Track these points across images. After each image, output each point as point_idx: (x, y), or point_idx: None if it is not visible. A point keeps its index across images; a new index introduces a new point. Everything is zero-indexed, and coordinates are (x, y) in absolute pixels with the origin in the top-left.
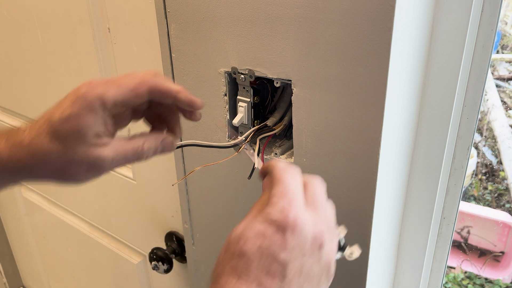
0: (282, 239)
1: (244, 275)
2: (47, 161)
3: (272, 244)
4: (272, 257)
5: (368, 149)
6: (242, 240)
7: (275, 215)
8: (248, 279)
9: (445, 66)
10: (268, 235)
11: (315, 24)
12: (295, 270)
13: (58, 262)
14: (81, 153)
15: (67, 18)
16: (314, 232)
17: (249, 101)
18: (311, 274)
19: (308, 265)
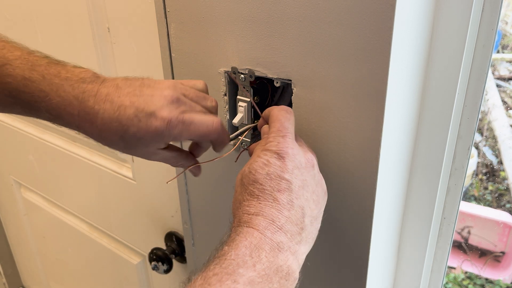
0: (283, 163)
1: (261, 196)
2: (110, 145)
3: (277, 168)
4: (279, 178)
5: (368, 149)
6: (252, 172)
7: (274, 147)
8: (265, 197)
9: (446, 66)
10: (271, 163)
11: (315, 24)
12: (298, 184)
13: (57, 262)
14: (139, 153)
15: (66, 18)
16: (305, 157)
17: (249, 101)
18: (310, 187)
19: (307, 180)
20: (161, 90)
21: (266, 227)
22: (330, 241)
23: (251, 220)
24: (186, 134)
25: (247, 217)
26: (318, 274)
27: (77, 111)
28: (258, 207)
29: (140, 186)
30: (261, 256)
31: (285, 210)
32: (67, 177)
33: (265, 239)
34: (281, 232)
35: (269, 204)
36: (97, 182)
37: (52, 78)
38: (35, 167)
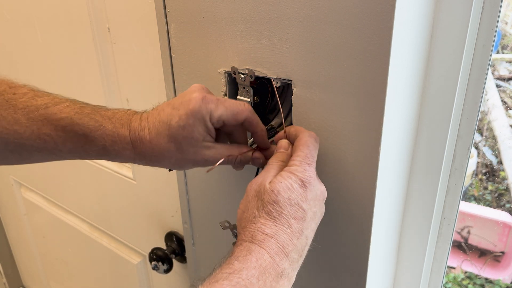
0: (304, 192)
1: (277, 219)
2: (164, 156)
3: (298, 196)
4: (298, 206)
5: (368, 149)
6: (274, 192)
7: (300, 173)
8: (281, 221)
9: (445, 66)
10: (295, 188)
11: (315, 24)
12: (310, 216)
13: (57, 262)
14: (191, 153)
15: (66, 18)
16: (321, 189)
17: (249, 101)
18: (317, 219)
19: (317, 212)
20: (193, 87)
21: (277, 253)
22: (330, 241)
23: (265, 241)
24: (221, 108)
25: (262, 236)
26: (318, 273)
27: (128, 131)
28: (273, 229)
29: (140, 186)
30: (266, 281)
31: (295, 238)
32: (67, 177)
33: (273, 264)
34: (286, 259)
35: (283, 229)
36: (98, 182)
37: (102, 112)
38: (35, 167)
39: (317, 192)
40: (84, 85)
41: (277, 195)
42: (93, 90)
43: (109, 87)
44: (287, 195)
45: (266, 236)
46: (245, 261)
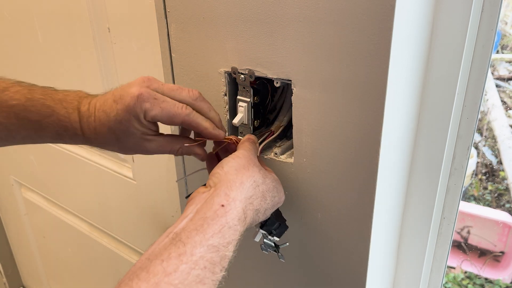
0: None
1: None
2: (107, 143)
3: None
4: (262, 194)
5: (368, 149)
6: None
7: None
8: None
9: (445, 66)
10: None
11: (315, 24)
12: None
13: (58, 262)
14: (132, 144)
15: (67, 18)
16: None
17: (249, 101)
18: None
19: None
20: (135, 81)
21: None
22: (330, 240)
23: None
24: (157, 108)
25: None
26: (318, 273)
27: (78, 116)
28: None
29: (140, 186)
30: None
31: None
32: (67, 177)
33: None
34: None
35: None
36: (98, 182)
37: (53, 95)
38: (36, 167)
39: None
40: (84, 85)
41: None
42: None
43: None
44: (275, 194)
45: (253, 207)
46: (236, 231)
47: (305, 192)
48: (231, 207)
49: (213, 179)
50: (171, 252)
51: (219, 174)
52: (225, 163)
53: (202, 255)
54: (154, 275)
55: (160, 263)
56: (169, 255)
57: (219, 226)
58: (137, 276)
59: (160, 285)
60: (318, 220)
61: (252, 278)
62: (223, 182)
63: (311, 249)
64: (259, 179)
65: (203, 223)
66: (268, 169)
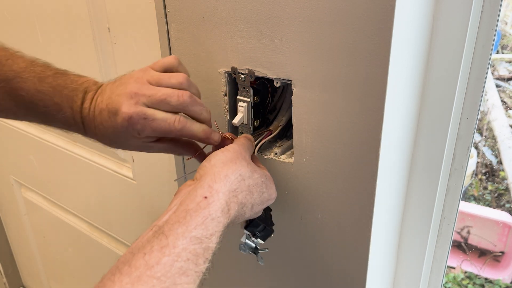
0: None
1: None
2: (110, 145)
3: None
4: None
5: (368, 149)
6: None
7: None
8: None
9: (445, 66)
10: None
11: (315, 24)
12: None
13: (58, 262)
14: (133, 148)
15: (67, 18)
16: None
17: (249, 101)
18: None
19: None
20: (127, 85)
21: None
22: (330, 240)
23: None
24: (148, 129)
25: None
26: (318, 273)
27: (80, 115)
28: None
29: (140, 186)
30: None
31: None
32: (67, 177)
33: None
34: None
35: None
36: (98, 182)
37: (62, 90)
38: (36, 167)
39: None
40: None
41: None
42: None
43: None
44: (265, 190)
45: (237, 201)
46: (219, 223)
47: (305, 192)
48: (214, 199)
49: (200, 172)
50: (154, 245)
51: (205, 167)
52: (213, 156)
53: (185, 247)
54: (136, 268)
55: (142, 256)
56: (152, 248)
57: (202, 217)
58: (119, 270)
59: (142, 278)
60: (318, 220)
61: (252, 278)
62: (208, 175)
63: (311, 249)
64: (245, 173)
65: (186, 215)
66: (261, 166)
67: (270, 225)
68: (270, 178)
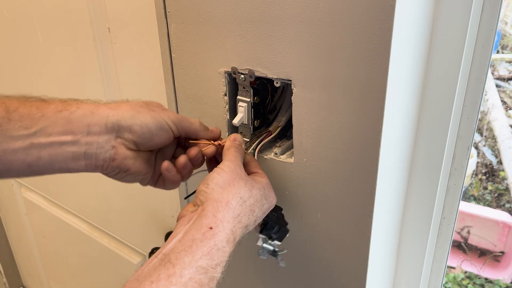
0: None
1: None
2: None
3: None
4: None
5: (368, 149)
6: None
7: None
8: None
9: (445, 66)
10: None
11: (315, 24)
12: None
13: (58, 262)
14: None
15: (67, 18)
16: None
17: (249, 101)
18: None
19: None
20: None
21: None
22: (330, 240)
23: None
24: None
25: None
26: (318, 273)
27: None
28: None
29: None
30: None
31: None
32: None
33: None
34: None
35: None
36: (98, 182)
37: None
38: None
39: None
40: (84, 85)
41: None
42: (94, 90)
43: (109, 87)
44: (264, 202)
45: (241, 225)
46: (224, 253)
47: (305, 192)
48: (219, 229)
49: (200, 198)
50: (161, 273)
51: (205, 192)
52: (210, 180)
53: (191, 276)
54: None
55: (149, 284)
56: (159, 276)
57: (208, 248)
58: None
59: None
60: (318, 220)
61: (252, 277)
62: (209, 202)
63: (311, 249)
64: (245, 194)
65: (192, 244)
66: (258, 173)
67: (284, 224)
68: (267, 185)
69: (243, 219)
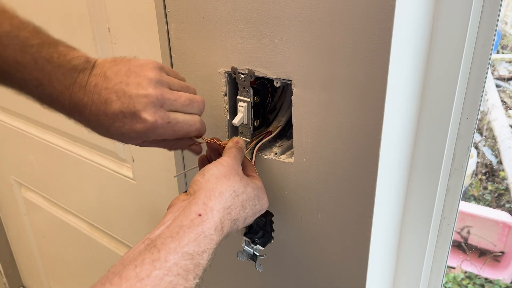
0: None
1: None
2: (98, 133)
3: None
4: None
5: (368, 149)
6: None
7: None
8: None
9: (445, 66)
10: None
11: (315, 24)
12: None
13: (58, 262)
14: (127, 143)
15: (67, 18)
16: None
17: (249, 101)
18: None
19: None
20: (143, 84)
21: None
22: (330, 240)
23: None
24: (170, 133)
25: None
26: (318, 273)
27: (68, 101)
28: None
29: (140, 186)
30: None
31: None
32: (67, 177)
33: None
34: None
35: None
36: (98, 182)
37: (45, 64)
38: (36, 167)
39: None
40: None
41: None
42: None
43: None
44: (257, 202)
45: (230, 217)
46: (211, 240)
47: (305, 192)
48: (208, 217)
49: (194, 187)
50: (145, 257)
51: (199, 182)
52: (206, 171)
53: (176, 261)
54: (127, 280)
55: (133, 268)
56: (143, 260)
57: (195, 234)
58: (109, 281)
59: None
60: (318, 220)
61: (252, 277)
62: (202, 190)
63: (311, 248)
64: (239, 189)
65: (179, 231)
66: (254, 176)
67: (270, 231)
68: (261, 188)
69: (233, 212)
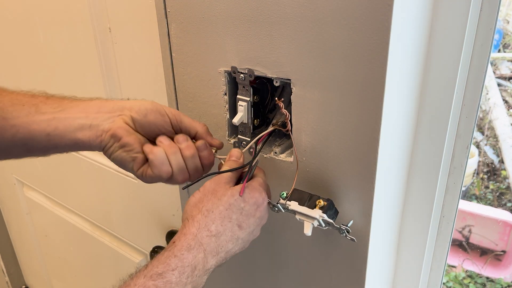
0: (254, 210)
1: (226, 221)
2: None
3: (250, 209)
4: (246, 217)
5: (367, 148)
6: (233, 196)
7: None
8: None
9: (444, 65)
10: (249, 203)
11: (314, 23)
12: (249, 229)
13: (60, 260)
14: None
15: (68, 18)
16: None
17: (248, 100)
18: (250, 230)
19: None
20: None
21: (211, 252)
22: (329, 240)
23: (207, 239)
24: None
25: (206, 233)
26: (317, 272)
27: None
28: (220, 229)
29: (142, 185)
30: (194, 277)
31: (231, 242)
32: (69, 176)
33: (205, 263)
34: (216, 258)
35: (227, 232)
36: (99, 181)
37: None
38: (38, 166)
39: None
40: (85, 84)
41: (235, 200)
42: (95, 89)
43: (110, 86)
44: (242, 205)
45: (210, 234)
46: (182, 259)
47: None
48: (180, 241)
49: (182, 217)
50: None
51: (184, 211)
52: (186, 203)
53: (144, 282)
54: None
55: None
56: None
57: (165, 257)
58: None
59: None
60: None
61: (252, 276)
62: (182, 221)
63: (310, 248)
64: (211, 206)
65: (153, 260)
66: (252, 180)
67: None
68: (253, 189)
69: (211, 227)
